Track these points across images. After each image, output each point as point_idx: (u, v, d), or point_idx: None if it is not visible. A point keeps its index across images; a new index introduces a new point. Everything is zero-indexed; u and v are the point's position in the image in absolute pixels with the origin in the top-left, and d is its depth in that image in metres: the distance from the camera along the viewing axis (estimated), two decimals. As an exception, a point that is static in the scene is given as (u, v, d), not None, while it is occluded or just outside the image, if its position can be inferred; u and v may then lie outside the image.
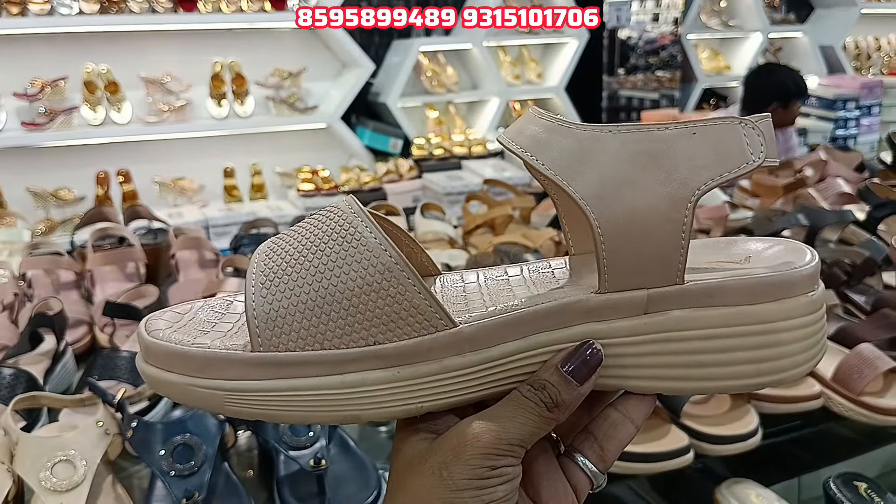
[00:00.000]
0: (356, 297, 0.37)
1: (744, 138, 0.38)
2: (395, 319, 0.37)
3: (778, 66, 3.15)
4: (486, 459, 0.37)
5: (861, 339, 1.11)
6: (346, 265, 0.38)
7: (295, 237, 0.40)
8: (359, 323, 0.37)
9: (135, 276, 1.42)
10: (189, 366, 0.38)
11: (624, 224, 0.37)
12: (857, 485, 1.04)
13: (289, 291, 0.38)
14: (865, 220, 1.62)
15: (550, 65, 4.35)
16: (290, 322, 0.37)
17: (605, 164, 0.38)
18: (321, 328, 0.37)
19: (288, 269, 0.38)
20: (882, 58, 5.21)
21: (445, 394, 0.38)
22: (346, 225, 0.39)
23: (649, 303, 0.39)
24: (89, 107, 3.34)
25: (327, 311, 0.37)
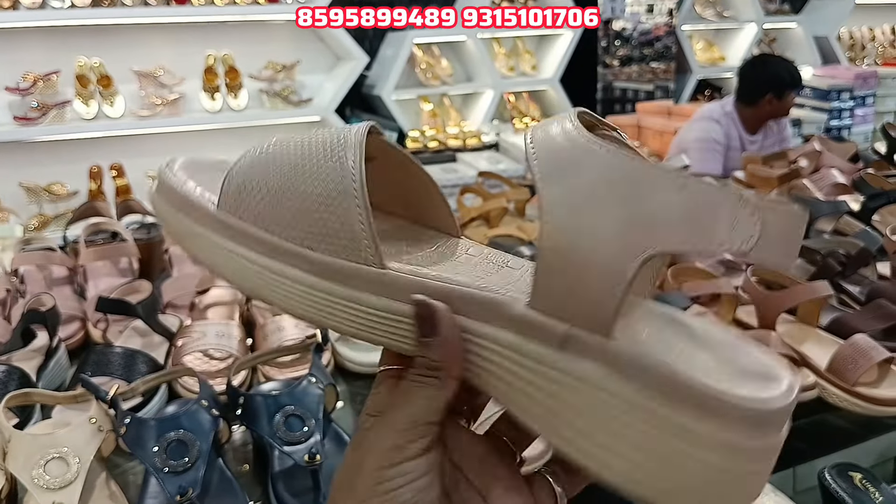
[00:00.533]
0: (309, 200, 0.40)
1: (732, 217, 0.31)
2: (333, 236, 0.40)
3: (772, 57, 3.14)
4: (383, 457, 0.36)
5: (855, 329, 1.11)
6: (318, 172, 0.41)
7: (305, 138, 0.43)
8: (300, 224, 0.40)
9: (128, 272, 1.41)
10: (175, 200, 0.44)
11: (569, 250, 0.34)
12: (852, 475, 1.04)
13: (267, 172, 0.42)
14: (860, 210, 1.62)
15: (545, 56, 4.34)
16: (252, 197, 0.42)
17: (583, 179, 0.34)
18: (272, 214, 0.41)
19: (278, 157, 0.43)
20: (876, 48, 5.20)
21: (352, 322, 0.40)
22: (340, 143, 0.41)
23: (566, 340, 0.35)
24: (82, 101, 3.32)
25: (282, 202, 0.41)
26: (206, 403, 0.86)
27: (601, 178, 0.34)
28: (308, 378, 0.90)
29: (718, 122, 2.95)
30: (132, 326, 1.19)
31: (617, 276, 0.33)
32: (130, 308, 1.13)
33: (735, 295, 1.17)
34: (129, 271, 1.42)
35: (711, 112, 3.02)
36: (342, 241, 0.40)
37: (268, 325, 1.16)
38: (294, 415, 0.85)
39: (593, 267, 0.34)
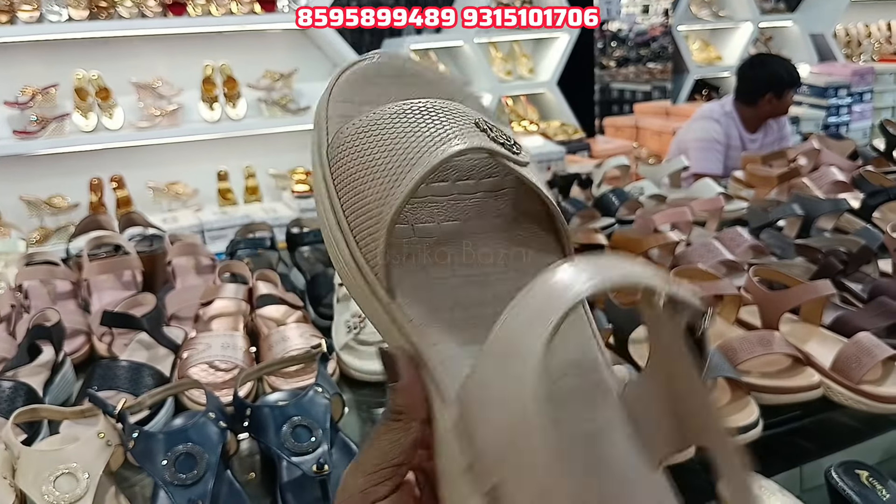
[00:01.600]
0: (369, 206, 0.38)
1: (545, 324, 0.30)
2: (371, 243, 0.38)
3: (770, 57, 3.15)
4: (354, 500, 0.38)
5: (858, 327, 1.11)
6: (384, 179, 0.38)
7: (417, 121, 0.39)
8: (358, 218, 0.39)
9: (131, 284, 1.42)
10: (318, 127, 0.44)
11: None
12: (859, 473, 1.04)
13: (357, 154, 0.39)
14: (860, 208, 1.63)
15: (542, 59, 4.34)
16: (341, 161, 0.40)
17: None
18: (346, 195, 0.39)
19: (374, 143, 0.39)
20: (873, 44, 5.21)
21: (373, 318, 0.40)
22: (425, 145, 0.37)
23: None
24: (81, 113, 3.33)
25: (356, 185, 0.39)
26: (214, 416, 0.86)
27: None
28: (314, 388, 0.90)
29: (718, 121, 2.96)
30: (137, 339, 1.19)
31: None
32: (135, 321, 1.13)
33: (738, 296, 1.18)
34: (133, 284, 1.42)
35: (711, 112, 3.03)
36: (373, 252, 0.39)
37: (272, 335, 1.16)
38: (301, 425, 0.85)
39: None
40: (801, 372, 1.04)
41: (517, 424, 0.28)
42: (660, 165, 1.99)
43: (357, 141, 0.38)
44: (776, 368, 1.04)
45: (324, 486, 0.82)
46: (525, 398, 0.28)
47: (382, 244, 0.37)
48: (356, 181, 0.38)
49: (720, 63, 4.71)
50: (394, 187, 0.36)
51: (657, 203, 1.73)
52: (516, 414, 0.28)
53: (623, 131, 4.19)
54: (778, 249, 1.45)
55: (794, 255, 1.39)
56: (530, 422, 0.27)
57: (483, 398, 0.31)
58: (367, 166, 0.37)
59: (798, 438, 1.22)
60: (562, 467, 0.27)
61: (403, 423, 0.38)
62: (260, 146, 3.78)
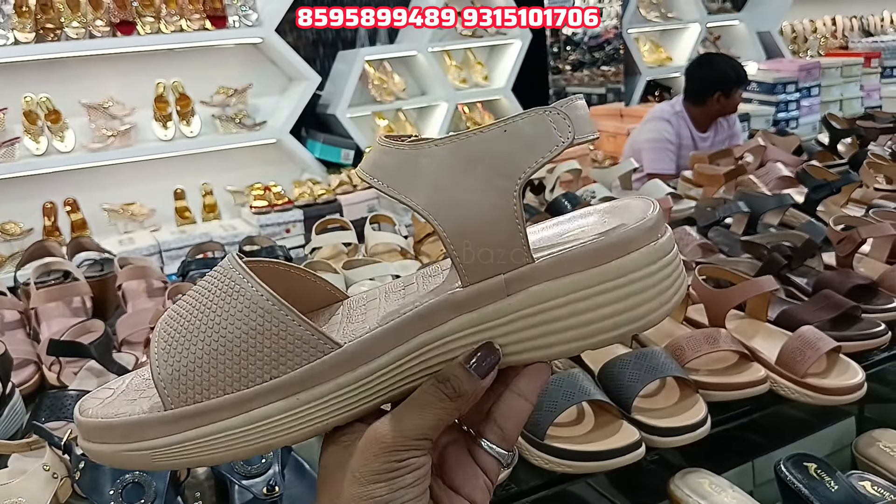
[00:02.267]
0: (244, 342, 0.41)
1: (550, 124, 0.41)
2: (284, 353, 0.41)
3: (717, 56, 3.21)
4: (392, 455, 0.40)
5: (802, 321, 1.13)
6: (231, 316, 0.42)
7: (189, 301, 0.44)
8: (252, 364, 0.41)
9: (81, 311, 1.40)
10: (115, 434, 0.42)
11: (464, 223, 0.42)
12: (807, 465, 1.07)
13: (186, 351, 0.42)
14: (804, 202, 1.66)
15: (496, 66, 4.38)
16: (192, 377, 0.42)
17: (436, 174, 0.42)
18: (220, 377, 0.41)
19: (183, 332, 0.43)
20: (818, 39, 5.34)
21: (346, 408, 0.43)
22: (227, 281, 0.43)
23: (508, 285, 0.42)
24: (31, 137, 3.28)
25: (222, 361, 0.42)
26: (162, 442, 0.85)
27: (445, 165, 0.42)
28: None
29: (669, 121, 3.00)
30: (87, 367, 1.18)
31: (510, 214, 0.41)
32: (82, 349, 1.12)
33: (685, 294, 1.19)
34: (83, 310, 1.40)
35: (662, 112, 3.08)
36: (293, 352, 0.42)
37: (225, 356, 1.15)
38: (251, 447, 0.85)
39: (491, 223, 0.41)
40: (747, 368, 1.05)
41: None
42: (610, 168, 2.02)
43: (186, 345, 0.43)
44: (723, 365, 1.06)
45: (275, 508, 0.81)
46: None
47: (293, 321, 0.42)
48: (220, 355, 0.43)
49: (671, 64, 4.79)
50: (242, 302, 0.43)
51: (609, 206, 1.75)
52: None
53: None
54: (726, 247, 1.48)
55: (740, 252, 1.42)
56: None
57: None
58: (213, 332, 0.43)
59: (748, 433, 1.24)
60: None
61: (457, 405, 0.42)
62: (216, 163, 3.75)
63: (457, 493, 0.44)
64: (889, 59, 4.92)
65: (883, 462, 1.18)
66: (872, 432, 1.23)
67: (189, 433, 0.41)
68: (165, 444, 0.41)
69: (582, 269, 0.42)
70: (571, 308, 0.42)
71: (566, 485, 0.95)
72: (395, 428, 0.41)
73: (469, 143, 0.42)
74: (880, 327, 1.15)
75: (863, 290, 1.25)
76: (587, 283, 0.42)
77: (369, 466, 0.40)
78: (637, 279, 0.42)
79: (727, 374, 1.05)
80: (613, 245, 0.42)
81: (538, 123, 0.41)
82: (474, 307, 0.42)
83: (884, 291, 1.26)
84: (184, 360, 0.42)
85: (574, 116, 0.42)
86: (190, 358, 0.42)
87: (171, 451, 0.42)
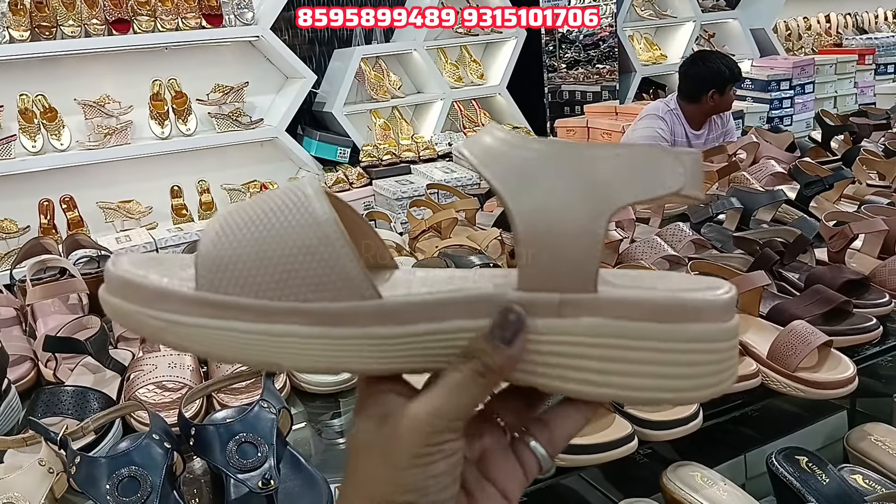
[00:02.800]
0: (294, 256, 0.41)
1: (665, 167, 0.40)
2: (326, 282, 0.41)
3: (711, 54, 3.22)
4: (426, 438, 0.40)
5: (794, 315, 1.14)
6: (291, 227, 0.41)
7: (260, 200, 0.43)
8: (292, 280, 0.41)
9: (78, 307, 1.40)
10: (138, 295, 0.41)
11: (545, 231, 0.40)
12: (799, 459, 1.08)
13: (237, 242, 0.42)
14: (797, 198, 1.67)
15: (491, 64, 4.38)
16: (231, 269, 0.41)
17: (536, 173, 0.41)
18: (258, 279, 0.41)
19: (242, 225, 0.42)
20: (812, 36, 5.35)
21: (365, 359, 0.42)
22: (300, 194, 0.42)
23: (562, 306, 0.41)
24: (27, 135, 3.28)
25: (266, 265, 0.41)
26: (158, 437, 0.86)
27: (548, 163, 0.41)
28: (259, 403, 0.90)
29: (664, 119, 3.01)
30: (83, 363, 1.18)
31: (591, 239, 0.40)
32: (77, 345, 1.12)
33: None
34: (79, 307, 1.40)
35: (656, 110, 3.08)
36: (336, 284, 0.41)
37: (221, 352, 1.16)
38: (247, 442, 0.85)
39: (572, 241, 0.40)
40: (739, 362, 1.06)
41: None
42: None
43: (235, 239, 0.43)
44: (715, 360, 1.06)
45: (270, 501, 0.82)
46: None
47: (350, 259, 0.41)
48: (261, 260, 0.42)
49: (665, 61, 4.80)
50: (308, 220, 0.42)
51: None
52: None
53: (575, 132, 4.24)
54: (718, 243, 1.49)
55: (733, 247, 1.43)
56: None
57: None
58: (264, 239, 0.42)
59: (741, 427, 1.25)
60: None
61: (488, 381, 0.41)
62: (213, 160, 3.75)
63: (492, 483, 0.44)
64: (883, 56, 4.93)
65: (875, 455, 1.19)
66: (864, 426, 1.24)
67: (207, 320, 0.41)
68: (182, 322, 0.41)
69: (644, 320, 0.40)
70: (617, 353, 0.40)
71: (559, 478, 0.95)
72: (428, 409, 0.40)
73: (578, 155, 0.41)
74: (871, 322, 1.16)
75: (854, 286, 1.26)
76: (643, 335, 0.40)
77: (405, 450, 0.40)
78: (699, 351, 0.40)
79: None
80: (685, 307, 0.40)
81: (653, 160, 0.40)
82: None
83: (875, 286, 1.27)
84: (231, 249, 0.41)
85: (691, 169, 0.40)
86: (238, 250, 0.41)
87: (185, 330, 0.41)
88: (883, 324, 1.18)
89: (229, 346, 0.41)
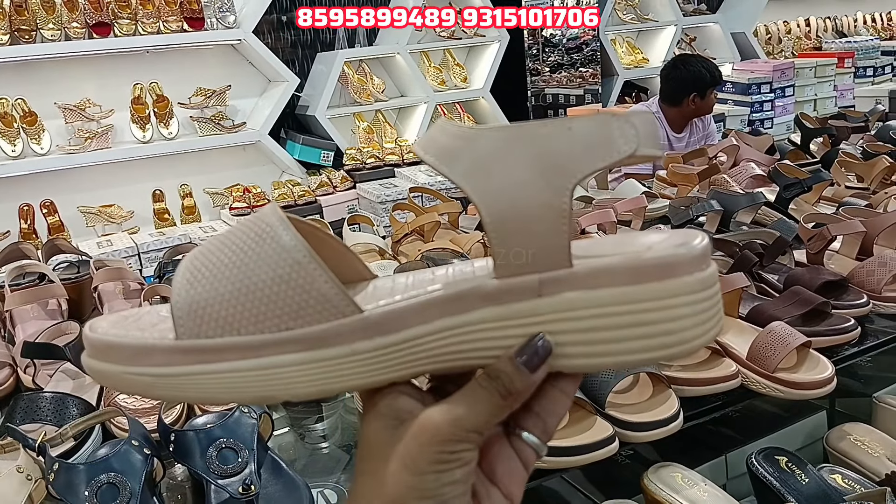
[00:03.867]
0: (269, 287, 0.41)
1: (616, 131, 0.41)
2: (305, 307, 0.41)
3: (692, 57, 3.24)
4: (445, 446, 0.40)
5: (773, 317, 1.15)
6: (262, 261, 0.42)
7: (222, 239, 0.44)
8: (271, 311, 0.41)
9: (57, 313, 1.39)
10: (122, 355, 0.42)
11: (510, 214, 0.41)
12: (779, 459, 1.09)
13: (209, 285, 0.42)
14: (776, 200, 1.69)
15: (474, 68, 4.39)
16: (210, 312, 0.41)
17: (491, 159, 0.41)
18: (237, 317, 0.41)
19: (211, 266, 0.42)
20: (792, 40, 5.40)
21: (357, 375, 0.42)
22: (263, 225, 0.43)
23: (542, 285, 0.41)
24: (7, 140, 3.25)
25: (242, 302, 0.41)
26: (137, 443, 0.85)
27: (504, 153, 0.41)
28: (240, 409, 0.90)
29: (645, 122, 3.03)
30: (62, 369, 1.17)
31: (557, 214, 0.40)
32: (57, 351, 1.11)
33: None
34: (59, 312, 1.39)
35: (638, 113, 3.10)
36: (315, 307, 0.41)
37: (202, 357, 1.15)
38: (227, 447, 0.85)
39: (538, 219, 0.40)
40: (718, 363, 1.07)
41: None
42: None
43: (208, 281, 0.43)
44: (695, 361, 1.07)
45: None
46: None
47: (324, 279, 0.42)
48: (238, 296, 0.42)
49: (647, 65, 4.83)
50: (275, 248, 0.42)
51: (584, 205, 1.77)
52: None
53: (558, 135, 4.26)
54: (699, 245, 1.49)
55: (713, 249, 1.44)
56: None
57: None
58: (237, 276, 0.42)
59: (721, 428, 1.26)
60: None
61: (508, 402, 0.41)
62: (196, 164, 3.73)
63: (496, 485, 0.44)
64: (862, 60, 4.99)
65: (854, 455, 1.21)
66: (843, 426, 1.26)
67: (195, 367, 0.41)
68: (170, 374, 0.41)
69: (621, 284, 0.40)
70: (603, 322, 0.41)
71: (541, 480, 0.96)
72: (450, 418, 0.41)
73: (530, 135, 0.41)
74: (850, 322, 1.17)
75: (833, 287, 1.27)
76: (624, 300, 0.40)
77: (422, 455, 0.40)
78: (677, 305, 0.40)
79: (699, 369, 1.06)
80: (658, 265, 0.40)
81: (604, 127, 0.41)
82: (503, 301, 0.42)
83: (853, 287, 1.28)
84: (205, 293, 0.42)
85: (642, 129, 0.41)
86: (212, 292, 0.42)
87: (174, 381, 0.41)
88: (861, 324, 1.19)
89: (220, 389, 0.41)
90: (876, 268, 1.29)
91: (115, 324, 0.44)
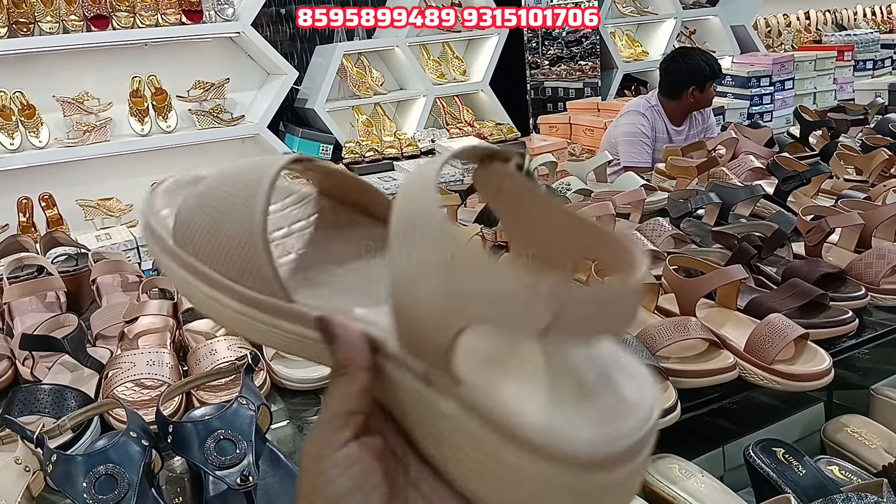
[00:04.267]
0: (230, 239, 0.43)
1: (530, 306, 0.32)
2: (248, 274, 0.43)
3: (691, 50, 3.24)
4: (314, 458, 0.38)
5: (771, 309, 1.15)
6: (234, 213, 0.43)
7: (235, 172, 0.46)
8: (228, 259, 0.44)
9: (55, 306, 1.39)
10: (147, 232, 0.48)
11: (408, 301, 0.37)
12: (776, 450, 1.09)
13: (200, 210, 0.45)
14: (775, 193, 1.69)
15: (474, 61, 4.38)
16: (191, 233, 0.45)
17: (421, 244, 0.36)
18: (206, 249, 0.44)
19: (209, 194, 0.45)
20: (792, 33, 5.39)
21: (281, 344, 0.44)
22: (254, 183, 0.44)
23: (427, 377, 0.37)
24: (5, 133, 3.24)
25: (212, 240, 0.44)
26: (135, 434, 0.85)
27: (433, 247, 0.35)
28: (238, 400, 0.90)
29: (644, 115, 3.03)
30: (60, 361, 1.17)
31: (441, 340, 0.35)
32: (54, 343, 1.11)
33: (656, 284, 1.21)
34: (57, 305, 1.39)
35: (637, 106, 3.10)
36: (255, 278, 0.43)
37: (200, 349, 1.16)
38: (226, 438, 0.85)
39: (426, 326, 0.36)
40: (716, 355, 1.07)
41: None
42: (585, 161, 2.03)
43: (200, 207, 0.45)
44: (693, 353, 1.08)
45: (249, 498, 0.82)
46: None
47: (266, 262, 0.42)
48: (210, 235, 0.44)
49: (646, 58, 4.82)
50: (246, 215, 0.43)
51: (584, 198, 1.77)
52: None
53: (557, 129, 4.25)
54: (697, 237, 1.50)
55: (712, 242, 1.44)
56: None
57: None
58: (215, 217, 0.44)
59: (719, 419, 1.26)
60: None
61: (350, 377, 0.40)
62: (194, 157, 3.72)
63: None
64: (862, 53, 4.98)
65: (851, 447, 1.21)
66: (841, 418, 1.26)
67: (182, 272, 0.45)
68: (165, 265, 0.46)
69: (503, 440, 0.34)
70: (475, 454, 0.35)
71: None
72: (314, 429, 0.41)
73: (456, 246, 0.35)
74: (848, 315, 1.18)
75: (831, 279, 1.27)
76: (501, 455, 0.34)
77: (302, 479, 0.39)
78: (569, 500, 0.33)
79: (697, 361, 1.07)
80: (559, 453, 0.32)
81: (520, 295, 0.33)
82: (399, 367, 0.39)
83: (851, 280, 1.29)
84: (195, 214, 0.45)
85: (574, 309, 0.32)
86: (198, 217, 0.44)
87: (170, 272, 0.46)
88: (859, 316, 1.19)
89: (194, 298, 0.45)
90: (874, 260, 1.29)
91: (169, 187, 0.52)
